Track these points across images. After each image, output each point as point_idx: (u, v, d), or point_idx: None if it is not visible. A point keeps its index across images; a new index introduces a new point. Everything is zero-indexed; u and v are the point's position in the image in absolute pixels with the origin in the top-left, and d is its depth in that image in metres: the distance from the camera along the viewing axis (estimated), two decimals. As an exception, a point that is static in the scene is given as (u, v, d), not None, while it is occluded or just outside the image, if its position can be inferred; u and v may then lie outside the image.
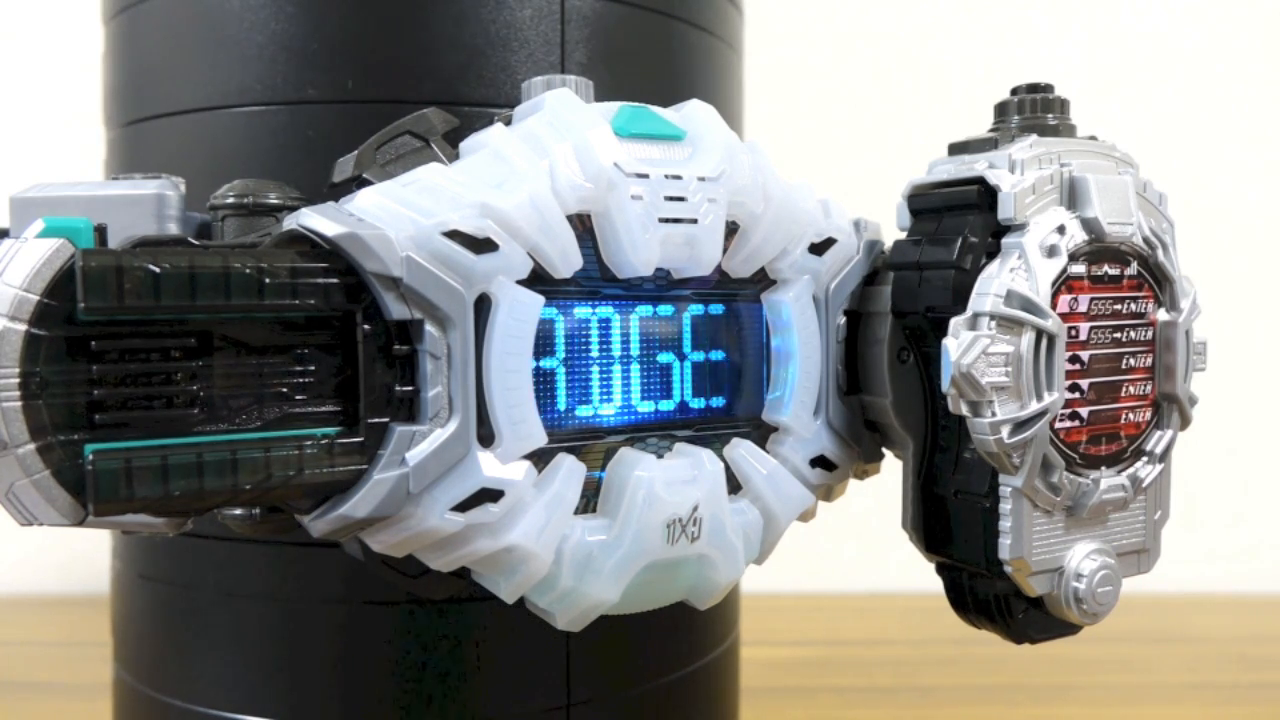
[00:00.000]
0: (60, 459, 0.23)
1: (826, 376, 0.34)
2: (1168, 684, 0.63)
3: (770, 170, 0.32)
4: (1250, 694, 0.61)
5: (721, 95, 0.43)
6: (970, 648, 0.54)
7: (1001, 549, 0.32)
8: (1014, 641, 0.34)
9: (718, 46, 0.43)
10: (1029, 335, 0.31)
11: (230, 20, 0.37)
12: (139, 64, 0.40)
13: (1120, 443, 0.34)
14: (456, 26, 0.36)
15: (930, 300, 0.32)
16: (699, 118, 0.31)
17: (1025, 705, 0.59)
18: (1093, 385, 0.33)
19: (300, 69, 0.36)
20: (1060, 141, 0.33)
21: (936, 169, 0.35)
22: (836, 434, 0.34)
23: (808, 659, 0.67)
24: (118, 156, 0.41)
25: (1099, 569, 0.33)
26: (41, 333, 0.23)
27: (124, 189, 0.31)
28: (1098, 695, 0.61)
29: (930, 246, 0.33)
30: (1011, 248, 0.31)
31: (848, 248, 0.34)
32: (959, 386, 0.31)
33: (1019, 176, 0.32)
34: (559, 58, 0.38)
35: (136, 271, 0.23)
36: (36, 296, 0.23)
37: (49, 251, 0.23)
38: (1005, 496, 0.32)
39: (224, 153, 0.37)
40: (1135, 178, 0.33)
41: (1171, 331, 0.34)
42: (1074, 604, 0.33)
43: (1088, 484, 0.32)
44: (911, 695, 0.61)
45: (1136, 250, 0.33)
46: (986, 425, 0.31)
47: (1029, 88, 0.35)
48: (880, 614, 0.76)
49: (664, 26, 0.40)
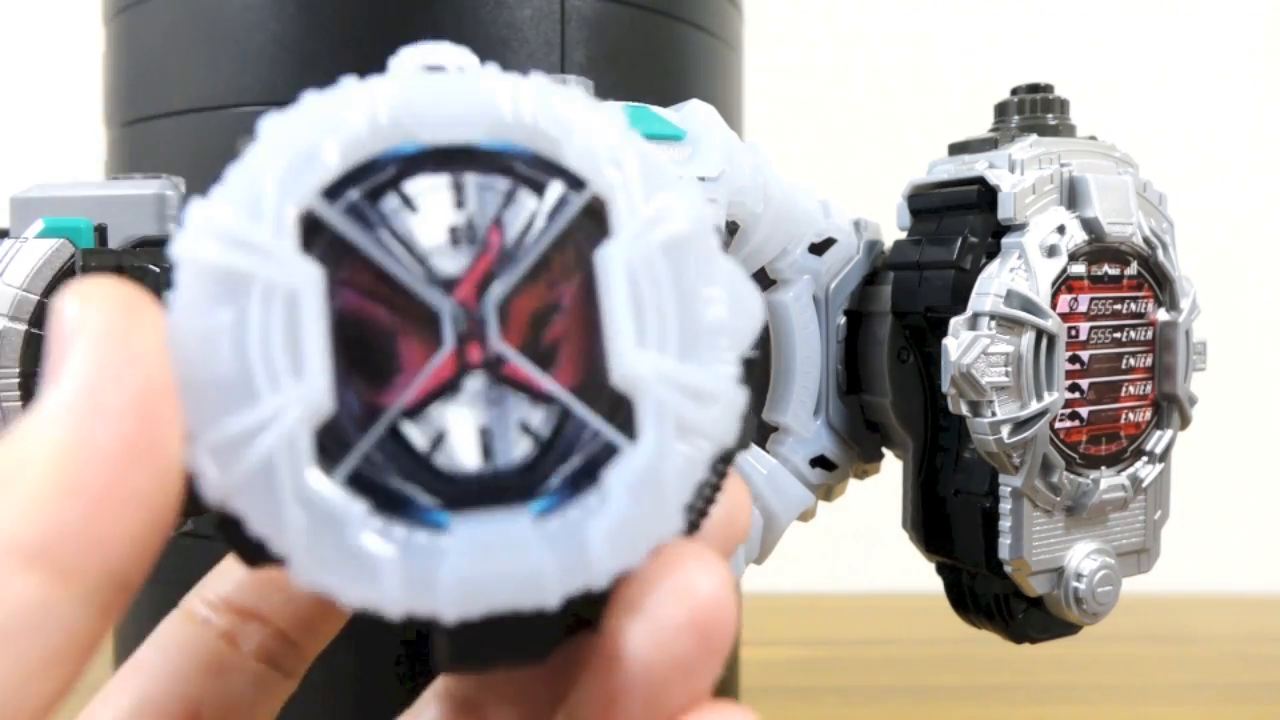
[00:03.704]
0: (60, 459, 0.23)
1: (826, 376, 0.34)
2: (1168, 684, 0.63)
3: (770, 170, 0.32)
4: (1250, 694, 0.61)
5: (721, 95, 0.43)
6: (970, 648, 0.54)
7: (1001, 549, 0.32)
8: (1014, 641, 0.34)
9: (718, 46, 0.43)
10: (1029, 335, 0.31)
11: (230, 20, 0.37)
12: (139, 64, 0.40)
13: (1120, 443, 0.34)
14: (456, 26, 0.36)
15: (930, 300, 0.32)
16: (699, 118, 0.31)
17: (1025, 705, 0.59)
18: (1093, 385, 0.33)
19: (300, 69, 0.36)
20: (1060, 141, 0.33)
21: (936, 169, 0.35)
22: (836, 434, 0.34)
23: (808, 659, 0.67)
24: (118, 156, 0.41)
25: (1099, 569, 0.32)
26: (42, 332, 0.23)
27: (124, 189, 0.31)
28: (1098, 695, 0.61)
29: (930, 246, 0.33)
30: (1011, 248, 0.31)
31: (848, 248, 0.34)
32: (959, 386, 0.31)
33: (1019, 176, 0.32)
34: (559, 58, 0.38)
35: (136, 271, 0.23)
36: (36, 296, 0.23)
37: (49, 251, 0.23)
38: (1005, 496, 0.32)
39: (224, 153, 0.37)
40: (1135, 178, 0.33)
41: (1171, 331, 0.34)
42: (1074, 604, 0.33)
43: (1088, 484, 0.32)
44: (911, 695, 0.61)
45: (1136, 250, 0.33)
46: (986, 425, 0.31)
47: (1029, 88, 0.35)
48: (880, 614, 0.76)
49: (664, 26, 0.40)
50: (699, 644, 0.16)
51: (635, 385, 0.17)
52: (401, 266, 0.17)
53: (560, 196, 0.18)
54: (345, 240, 0.17)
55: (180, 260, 0.16)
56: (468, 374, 0.17)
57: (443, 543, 0.16)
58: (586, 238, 0.18)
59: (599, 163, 0.18)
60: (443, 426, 0.17)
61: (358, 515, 0.16)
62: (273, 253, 0.16)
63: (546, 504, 0.17)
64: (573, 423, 0.17)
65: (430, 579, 0.16)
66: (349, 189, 0.17)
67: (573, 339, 0.17)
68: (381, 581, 0.16)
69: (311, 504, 0.16)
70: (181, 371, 0.15)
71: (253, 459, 0.15)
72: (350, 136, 0.17)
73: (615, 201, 0.18)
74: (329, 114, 0.17)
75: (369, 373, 0.16)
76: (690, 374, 0.17)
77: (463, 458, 0.17)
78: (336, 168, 0.17)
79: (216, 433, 0.16)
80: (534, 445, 0.17)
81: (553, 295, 0.17)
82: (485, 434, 0.17)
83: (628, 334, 0.17)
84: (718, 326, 0.18)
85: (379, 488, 0.16)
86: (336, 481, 0.16)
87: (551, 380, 0.17)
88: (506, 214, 0.17)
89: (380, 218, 0.17)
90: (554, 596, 0.16)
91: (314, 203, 0.17)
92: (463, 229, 0.17)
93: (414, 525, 0.16)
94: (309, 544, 0.16)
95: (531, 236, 0.17)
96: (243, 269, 0.16)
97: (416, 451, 0.16)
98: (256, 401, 0.16)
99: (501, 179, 0.18)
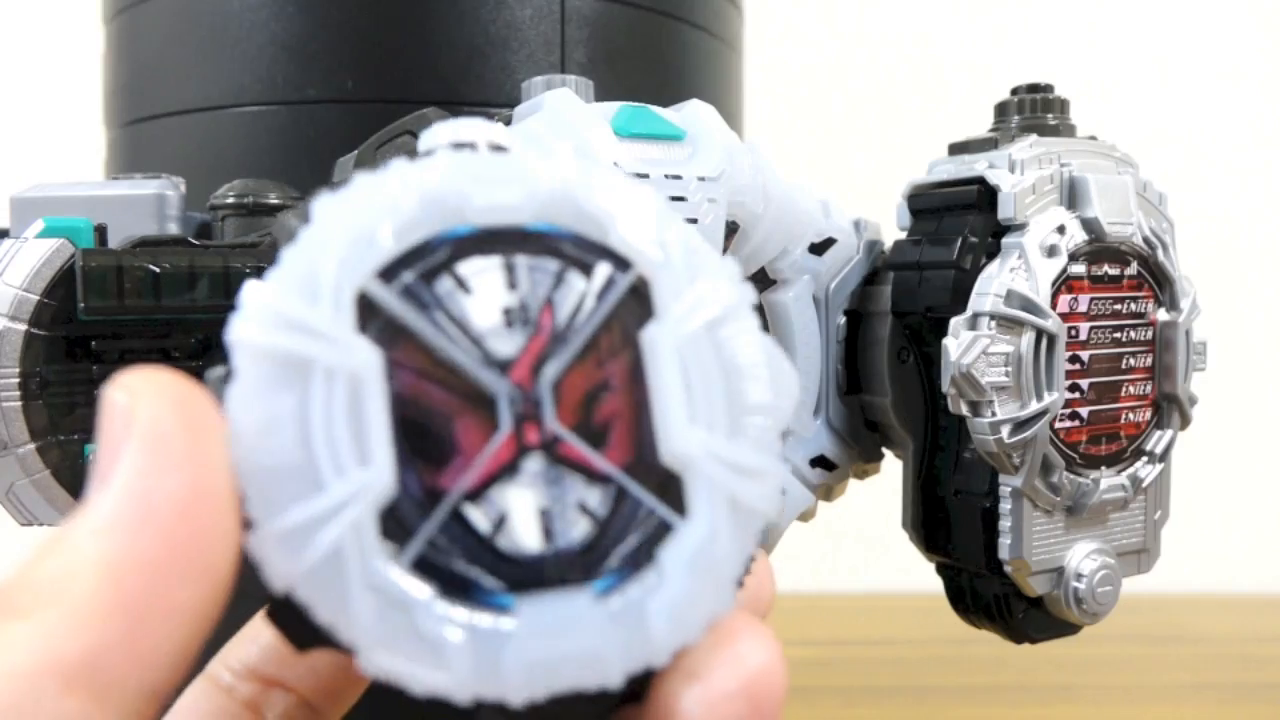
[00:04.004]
0: (60, 459, 0.23)
1: (826, 376, 0.34)
2: (1168, 684, 0.63)
3: (770, 170, 0.32)
4: (1250, 694, 0.61)
5: (721, 95, 0.43)
6: (970, 648, 0.54)
7: (1001, 549, 0.32)
8: (1014, 641, 0.34)
9: (718, 46, 0.43)
10: (1029, 335, 0.31)
11: (230, 20, 0.37)
12: (139, 64, 0.40)
13: (1120, 443, 0.34)
14: (456, 26, 0.36)
15: (930, 300, 0.32)
16: (699, 118, 0.31)
17: (1025, 705, 0.59)
18: (1093, 385, 0.33)
19: (300, 69, 0.36)
20: (1060, 141, 0.33)
21: (936, 169, 0.35)
22: (836, 434, 0.34)
23: (808, 659, 0.67)
24: (118, 156, 0.41)
25: (1099, 569, 0.32)
26: (42, 333, 0.23)
27: (124, 189, 0.31)
28: (1098, 695, 0.61)
29: (930, 246, 0.33)
30: (1011, 247, 0.31)
31: (848, 248, 0.34)
32: (959, 386, 0.31)
33: (1019, 176, 0.32)
34: (559, 58, 0.38)
35: (136, 271, 0.23)
36: (37, 296, 0.23)
37: (49, 251, 0.23)
38: (1005, 496, 0.32)
39: (224, 153, 0.37)
40: (1135, 178, 0.33)
41: (1171, 331, 0.34)
42: (1074, 604, 0.32)
43: (1088, 484, 0.32)
44: (911, 695, 0.61)
45: (1136, 250, 0.33)
46: (986, 425, 0.31)
47: (1029, 88, 0.35)
48: (880, 614, 0.76)
49: (664, 26, 0.40)
50: (750, 712, 0.17)
51: (686, 463, 0.18)
52: (458, 349, 0.17)
53: (608, 277, 0.18)
54: (400, 322, 0.17)
55: (239, 345, 0.16)
56: (526, 455, 0.17)
57: (508, 626, 0.16)
58: (631, 317, 0.18)
59: (643, 243, 0.18)
60: (504, 508, 0.17)
61: (426, 601, 0.16)
62: (332, 336, 0.16)
63: (607, 584, 0.17)
64: (628, 502, 0.17)
65: (497, 662, 0.16)
66: (403, 271, 0.17)
67: (623, 418, 0.18)
68: (450, 667, 0.16)
69: (380, 591, 0.16)
70: (244, 458, 0.16)
71: (321, 548, 0.15)
72: (405, 219, 0.17)
73: (659, 281, 0.18)
74: (382, 197, 0.17)
75: (427, 455, 0.17)
76: (738, 452, 0.18)
77: (525, 539, 0.17)
78: (391, 250, 0.17)
79: (283, 521, 0.15)
80: (592, 525, 0.17)
81: (601, 374, 0.18)
82: (545, 515, 0.17)
83: (678, 413, 0.18)
84: (761, 406, 0.18)
85: (443, 571, 0.16)
86: (402, 567, 0.16)
87: (606, 460, 0.17)
88: (557, 295, 0.18)
89: (435, 299, 0.17)
90: (617, 675, 0.17)
91: (370, 285, 0.17)
92: (516, 310, 0.17)
93: (479, 608, 0.16)
94: (377, 631, 0.16)
95: (582, 317, 0.18)
96: (303, 353, 0.16)
97: (479, 534, 0.17)
98: (322, 489, 0.16)
99: (551, 260, 0.18)
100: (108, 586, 0.14)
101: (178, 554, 0.15)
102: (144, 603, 0.14)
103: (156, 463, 0.15)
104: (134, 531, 0.15)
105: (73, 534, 0.15)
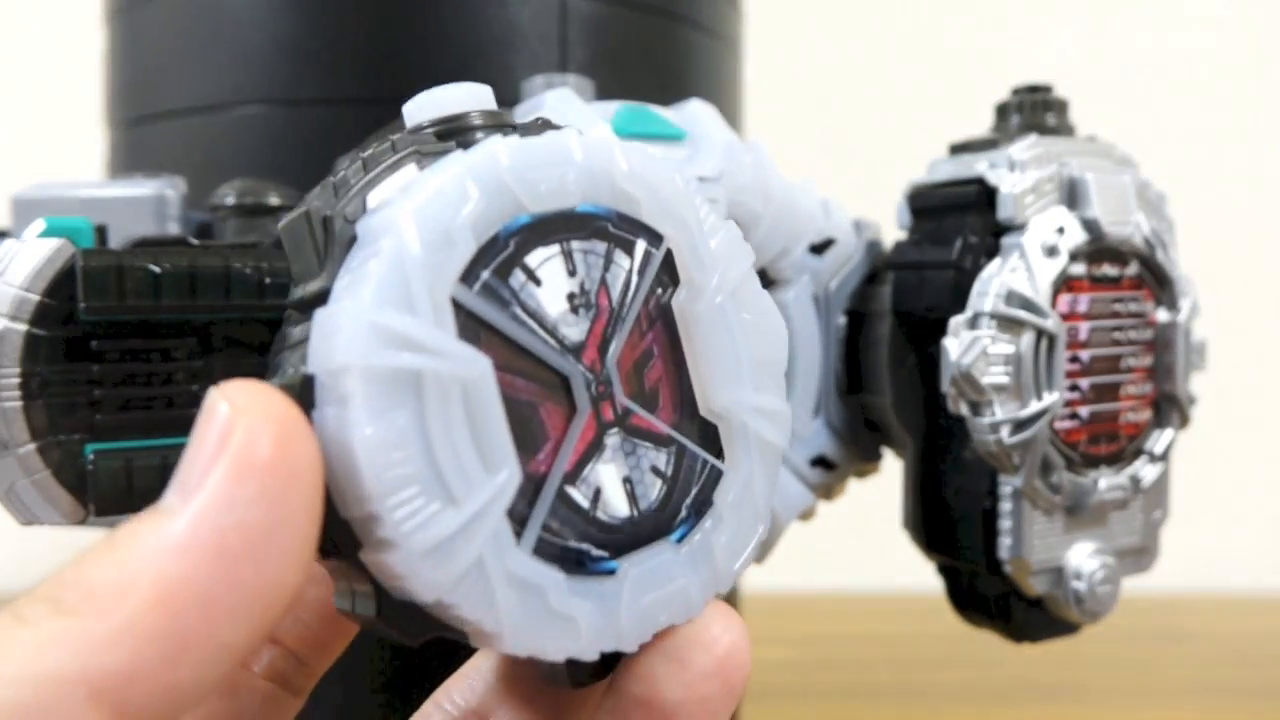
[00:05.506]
0: (60, 459, 0.23)
1: (826, 376, 0.34)
2: (1168, 684, 0.63)
3: (771, 170, 0.32)
4: (1250, 694, 0.61)
5: (721, 95, 0.43)
6: (970, 648, 0.54)
7: (1001, 549, 0.32)
8: (1014, 641, 0.34)
9: (718, 46, 0.43)
10: (1029, 335, 0.31)
11: (230, 20, 0.37)
12: (139, 64, 0.40)
13: (1120, 442, 0.34)
14: (456, 26, 0.36)
15: (930, 300, 0.32)
16: (699, 118, 0.31)
17: (1025, 705, 0.59)
18: (1092, 385, 0.33)
19: (300, 69, 0.36)
20: (1060, 141, 0.33)
21: (937, 169, 0.35)
22: (836, 434, 0.34)
23: (808, 659, 0.67)
24: (118, 156, 0.41)
25: (1099, 568, 0.32)
26: (42, 333, 0.23)
27: (124, 189, 0.31)
28: (1098, 695, 0.61)
29: (930, 246, 0.33)
30: (1011, 247, 0.31)
31: (848, 248, 0.34)
32: (959, 386, 0.31)
33: (1019, 176, 0.32)
34: (559, 58, 0.38)
35: (137, 271, 0.23)
36: (37, 296, 0.23)
37: (49, 251, 0.23)
38: (1005, 496, 0.32)
39: (224, 153, 0.37)
40: (1135, 178, 0.33)
41: (1171, 331, 0.34)
42: (1074, 603, 0.33)
43: (1087, 484, 0.32)
44: (911, 695, 0.61)
45: (1136, 250, 0.33)
46: (986, 425, 0.31)
47: (1029, 88, 0.35)
48: (880, 614, 0.76)
49: (664, 26, 0.40)
50: (722, 687, 0.19)
51: (724, 416, 0.20)
52: (538, 340, 0.18)
53: (645, 252, 0.20)
54: (483, 320, 0.18)
55: (348, 369, 0.16)
56: (607, 431, 0.19)
57: (618, 586, 0.19)
58: (660, 286, 0.20)
59: (670, 216, 0.20)
60: (598, 483, 0.19)
61: (556, 581, 0.18)
62: (438, 347, 0.17)
63: (681, 532, 0.20)
64: (687, 457, 0.20)
65: (616, 619, 0.19)
66: (480, 270, 0.18)
67: (666, 381, 0.20)
68: (581, 634, 0.18)
69: (519, 583, 0.17)
70: (368, 481, 0.16)
71: (466, 559, 0.17)
72: (476, 216, 0.18)
73: (683, 251, 0.20)
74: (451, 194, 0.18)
75: (521, 444, 0.18)
76: (761, 399, 0.21)
77: (618, 508, 0.19)
78: (471, 250, 0.18)
79: (424, 539, 0.16)
80: (664, 484, 0.20)
81: (645, 344, 0.20)
82: (627, 482, 0.19)
83: (715, 373, 0.20)
84: (773, 357, 0.21)
85: (558, 549, 0.18)
86: (527, 554, 0.18)
87: (664, 424, 0.20)
88: (609, 276, 0.19)
89: (512, 294, 0.18)
90: (699, 607, 0.20)
91: (458, 291, 0.17)
92: (579, 296, 0.19)
93: (593, 576, 0.18)
94: (519, 617, 0.17)
95: (630, 294, 0.19)
96: (416, 368, 0.16)
97: (582, 511, 0.19)
98: (456, 503, 0.17)
99: (599, 242, 0.19)
100: (161, 612, 0.14)
101: (238, 595, 0.14)
102: (192, 637, 0.14)
103: (243, 493, 0.15)
104: (202, 564, 0.14)
105: (139, 543, 0.14)
